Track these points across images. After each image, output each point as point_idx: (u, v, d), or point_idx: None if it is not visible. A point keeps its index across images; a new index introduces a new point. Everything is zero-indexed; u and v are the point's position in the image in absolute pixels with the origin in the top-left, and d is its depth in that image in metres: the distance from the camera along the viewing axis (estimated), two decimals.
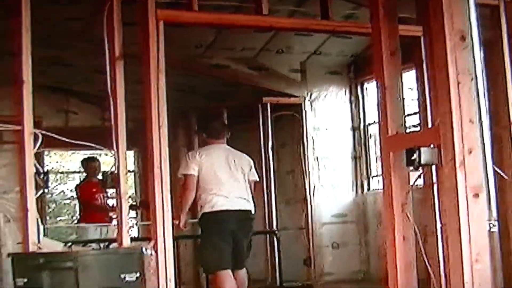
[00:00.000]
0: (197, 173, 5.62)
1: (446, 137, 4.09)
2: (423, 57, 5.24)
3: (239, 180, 5.74)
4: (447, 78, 4.07)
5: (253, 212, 5.80)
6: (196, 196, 5.62)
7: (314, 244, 8.68)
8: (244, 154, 5.91)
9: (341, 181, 8.89)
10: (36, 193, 4.67)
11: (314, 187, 8.75)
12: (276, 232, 8.34)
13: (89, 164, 8.67)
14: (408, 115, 6.82)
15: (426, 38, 4.44)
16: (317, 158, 8.81)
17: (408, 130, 5.01)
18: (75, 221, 9.55)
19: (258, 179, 6.00)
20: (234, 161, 5.77)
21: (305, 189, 8.73)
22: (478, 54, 4.27)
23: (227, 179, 5.68)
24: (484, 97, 4.31)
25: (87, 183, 8.79)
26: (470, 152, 4.04)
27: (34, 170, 4.66)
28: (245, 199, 5.73)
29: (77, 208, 8.72)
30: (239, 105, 9.19)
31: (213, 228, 5.60)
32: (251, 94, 8.84)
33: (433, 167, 4.57)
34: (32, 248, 4.56)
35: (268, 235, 8.60)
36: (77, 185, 9.27)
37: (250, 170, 5.85)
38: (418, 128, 6.31)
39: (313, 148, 8.80)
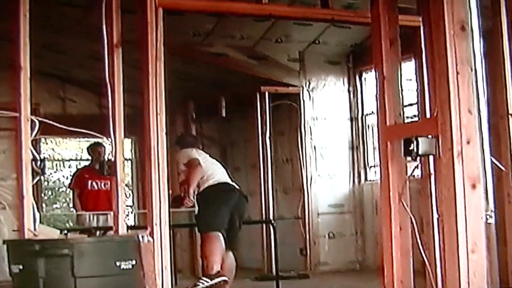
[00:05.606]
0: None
1: (444, 127, 4.07)
2: (422, 47, 5.21)
3: None
4: (446, 68, 4.05)
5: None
6: (198, 182, 5.98)
7: (310, 233, 8.69)
8: None
9: (338, 171, 8.89)
10: (33, 180, 4.66)
11: (311, 176, 8.75)
12: (273, 221, 8.33)
13: (94, 149, 8.67)
14: (406, 105, 6.80)
15: (425, 27, 4.40)
16: (314, 147, 8.81)
17: (406, 121, 4.98)
18: (71, 209, 9.54)
19: None
20: None
21: (302, 178, 8.73)
22: (478, 44, 4.25)
23: (221, 169, 6.24)
24: (483, 87, 4.29)
25: (83, 169, 8.81)
26: (468, 142, 4.03)
27: (31, 157, 4.65)
28: None
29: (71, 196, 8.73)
30: (237, 94, 9.18)
31: (220, 195, 5.97)
32: (250, 82, 8.82)
33: (431, 157, 4.55)
34: (28, 235, 4.55)
35: (264, 225, 8.61)
36: (74, 172, 9.30)
37: None
38: (416, 119, 6.28)
39: (311, 138, 8.80)
